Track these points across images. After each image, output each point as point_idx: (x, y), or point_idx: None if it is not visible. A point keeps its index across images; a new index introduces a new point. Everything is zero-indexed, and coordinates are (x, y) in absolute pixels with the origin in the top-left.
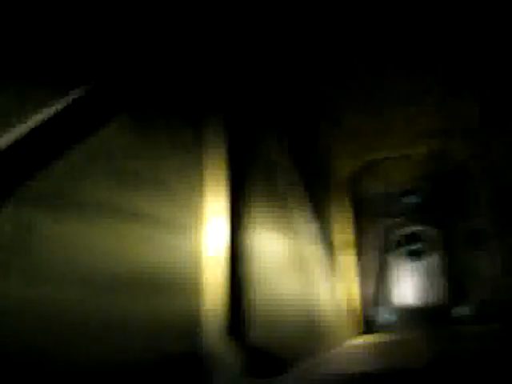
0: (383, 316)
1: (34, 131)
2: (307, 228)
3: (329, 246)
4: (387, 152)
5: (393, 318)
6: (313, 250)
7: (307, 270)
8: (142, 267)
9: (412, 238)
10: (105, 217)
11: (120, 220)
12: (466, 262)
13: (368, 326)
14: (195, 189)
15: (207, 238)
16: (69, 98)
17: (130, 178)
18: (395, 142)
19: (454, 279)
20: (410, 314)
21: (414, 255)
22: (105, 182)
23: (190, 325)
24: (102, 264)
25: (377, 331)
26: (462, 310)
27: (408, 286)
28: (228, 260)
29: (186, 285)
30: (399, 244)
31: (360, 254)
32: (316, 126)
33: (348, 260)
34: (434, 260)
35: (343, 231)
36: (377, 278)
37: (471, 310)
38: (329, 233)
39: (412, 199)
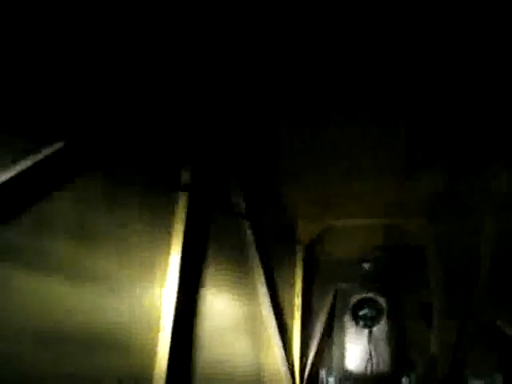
0: (326, 380)
1: (3, 185)
2: (261, 290)
3: (279, 309)
4: (345, 220)
5: (335, 382)
6: (263, 313)
7: (255, 332)
8: (97, 325)
9: (362, 304)
10: (65, 272)
11: (80, 276)
12: (412, 333)
13: None
14: (158, 248)
15: (163, 299)
16: (40, 154)
17: (95, 235)
18: (354, 212)
19: (399, 349)
20: (353, 380)
21: (363, 321)
22: (69, 238)
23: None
24: (57, 319)
25: None
26: (405, 380)
27: (353, 351)
28: (178, 321)
29: (137, 344)
30: (349, 309)
31: (309, 317)
32: (277, 188)
33: (295, 323)
34: (381, 328)
35: (294, 294)
36: (322, 342)
37: (413, 381)
38: (280, 295)
39: (366, 267)
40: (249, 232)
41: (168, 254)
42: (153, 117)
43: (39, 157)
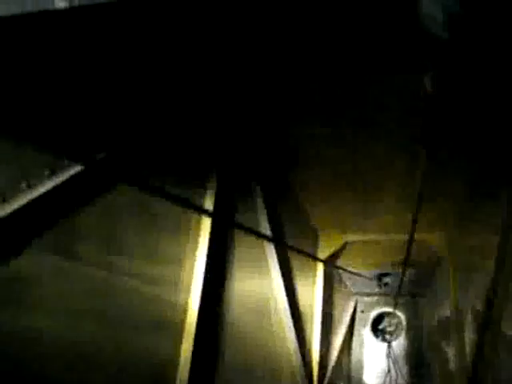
0: None
1: (46, 194)
2: (281, 302)
3: (299, 322)
4: (364, 235)
5: None
6: (283, 326)
7: (274, 344)
8: (134, 310)
9: (381, 318)
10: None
11: (114, 275)
12: (431, 348)
13: None
14: (185, 248)
15: (192, 292)
16: (77, 167)
17: (126, 241)
18: (373, 227)
19: (418, 363)
20: None
21: (382, 335)
22: (104, 244)
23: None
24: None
25: None
26: None
27: (372, 365)
28: (204, 315)
29: (171, 330)
30: (368, 323)
31: (328, 330)
32: (298, 203)
33: (315, 336)
34: (400, 342)
35: (314, 307)
36: (341, 355)
37: None
38: (301, 309)
39: (385, 281)
40: (270, 243)
41: (192, 269)
42: (181, 130)
43: (77, 169)
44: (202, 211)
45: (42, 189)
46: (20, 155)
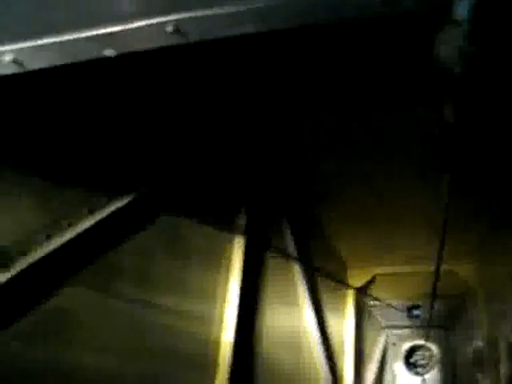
0: None
1: (85, 232)
2: (312, 336)
3: (330, 355)
4: (394, 267)
5: None
6: (314, 359)
7: (309, 370)
8: (169, 345)
9: (414, 351)
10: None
11: (148, 311)
12: (465, 381)
13: None
14: (216, 284)
15: (225, 326)
16: (121, 201)
17: (162, 277)
18: (404, 259)
19: None
20: None
21: (415, 369)
22: (140, 280)
23: None
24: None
25: None
26: None
27: None
28: (237, 348)
29: (203, 364)
30: (401, 356)
31: (360, 363)
32: (327, 234)
33: (346, 370)
34: (434, 375)
35: (344, 340)
36: None
37: None
38: (331, 341)
39: (416, 313)
40: (300, 276)
41: (224, 299)
42: (210, 167)
43: (114, 207)
44: (232, 252)
45: (81, 227)
46: (61, 195)
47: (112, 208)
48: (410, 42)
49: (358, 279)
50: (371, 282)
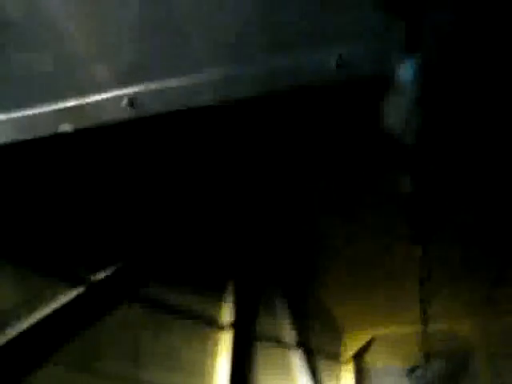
0: None
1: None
2: None
3: None
4: (391, 328)
5: None
6: None
7: None
8: None
9: None
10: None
11: None
12: None
13: None
14: (205, 359)
15: None
16: (101, 274)
17: (147, 353)
18: (401, 319)
19: None
20: None
21: None
22: (125, 357)
23: None
24: None
25: None
26: None
27: None
28: None
29: None
30: None
31: None
32: (320, 301)
33: None
34: None
35: None
36: None
37: None
38: None
39: (416, 375)
40: (295, 354)
41: (212, 376)
42: (194, 242)
43: (95, 280)
44: (220, 326)
45: (59, 302)
46: (40, 271)
47: (79, 290)
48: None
49: (355, 343)
50: (368, 344)
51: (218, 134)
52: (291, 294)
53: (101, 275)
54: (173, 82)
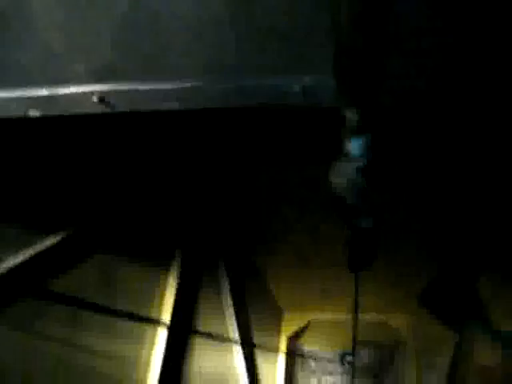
0: None
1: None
2: (243, 371)
3: None
4: (330, 314)
5: None
6: None
7: None
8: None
9: None
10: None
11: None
12: None
13: None
14: (146, 325)
15: (151, 369)
16: (50, 240)
17: (91, 317)
18: (338, 307)
19: None
20: None
21: None
22: (68, 320)
23: None
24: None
25: None
26: None
27: None
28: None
29: None
30: None
31: None
32: (264, 282)
33: None
34: None
35: (276, 381)
36: None
37: None
38: (262, 382)
39: (348, 360)
40: (233, 320)
41: (153, 342)
42: (144, 209)
43: (42, 246)
44: (166, 290)
45: (6, 266)
46: None
47: (40, 247)
48: None
49: (293, 325)
50: (306, 328)
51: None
52: (234, 270)
53: (52, 240)
54: (143, 85)
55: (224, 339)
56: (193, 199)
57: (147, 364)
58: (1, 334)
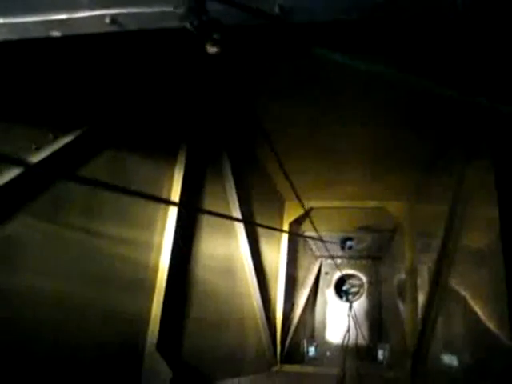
0: (307, 349)
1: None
2: (246, 262)
3: (263, 281)
4: (331, 202)
5: (317, 352)
6: (248, 283)
7: (242, 294)
8: (112, 270)
9: (344, 280)
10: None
11: (97, 239)
12: (389, 310)
13: (290, 356)
14: (156, 213)
15: (162, 252)
16: (67, 138)
17: (106, 207)
18: (339, 195)
19: (377, 323)
20: (333, 350)
21: (345, 296)
22: (86, 210)
23: (140, 321)
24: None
25: (299, 362)
26: (381, 352)
27: (334, 323)
28: (172, 273)
29: (142, 287)
30: (332, 284)
31: (292, 290)
32: (265, 170)
33: (278, 295)
34: (361, 303)
35: (278, 267)
36: (305, 314)
37: (387, 353)
38: (265, 268)
39: (348, 245)
40: (237, 207)
41: (163, 227)
42: (152, 105)
43: (62, 142)
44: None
45: (30, 161)
46: (9, 133)
47: (59, 144)
48: None
49: (294, 212)
50: (307, 214)
51: None
52: (237, 161)
53: (66, 138)
54: (147, 8)
55: (229, 224)
56: (197, 95)
57: (159, 248)
58: (29, 223)
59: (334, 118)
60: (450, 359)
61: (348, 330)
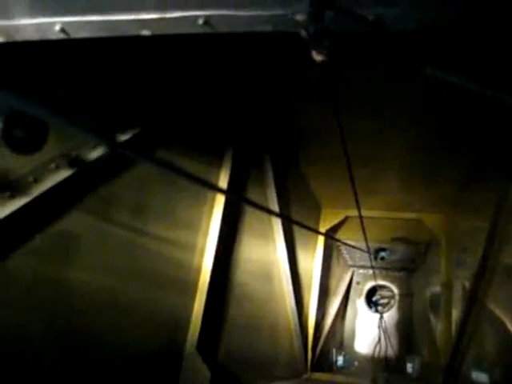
0: (336, 358)
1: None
2: (283, 267)
3: (297, 288)
4: (367, 211)
5: (345, 361)
6: (283, 289)
7: (277, 299)
8: (157, 269)
9: (376, 290)
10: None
11: (145, 238)
12: (420, 322)
13: (319, 364)
14: (202, 215)
15: (206, 255)
16: (121, 137)
17: (155, 207)
18: (375, 204)
19: (407, 335)
20: (363, 361)
21: (375, 307)
22: (135, 209)
23: (182, 320)
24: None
25: (328, 371)
26: (410, 365)
27: (364, 334)
28: (215, 275)
29: (185, 288)
30: (363, 294)
31: (325, 298)
32: (305, 177)
33: (311, 303)
34: (392, 314)
35: (312, 275)
36: (335, 323)
37: (417, 366)
38: (300, 275)
39: (382, 256)
40: (277, 219)
41: (207, 230)
42: (201, 108)
43: (124, 137)
44: (217, 188)
45: (87, 159)
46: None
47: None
48: None
49: (330, 220)
50: (342, 223)
51: None
52: (278, 167)
53: (123, 137)
54: (238, 11)
55: (269, 230)
56: (242, 100)
57: (202, 250)
58: (80, 218)
59: (375, 127)
60: (482, 376)
61: (378, 341)
